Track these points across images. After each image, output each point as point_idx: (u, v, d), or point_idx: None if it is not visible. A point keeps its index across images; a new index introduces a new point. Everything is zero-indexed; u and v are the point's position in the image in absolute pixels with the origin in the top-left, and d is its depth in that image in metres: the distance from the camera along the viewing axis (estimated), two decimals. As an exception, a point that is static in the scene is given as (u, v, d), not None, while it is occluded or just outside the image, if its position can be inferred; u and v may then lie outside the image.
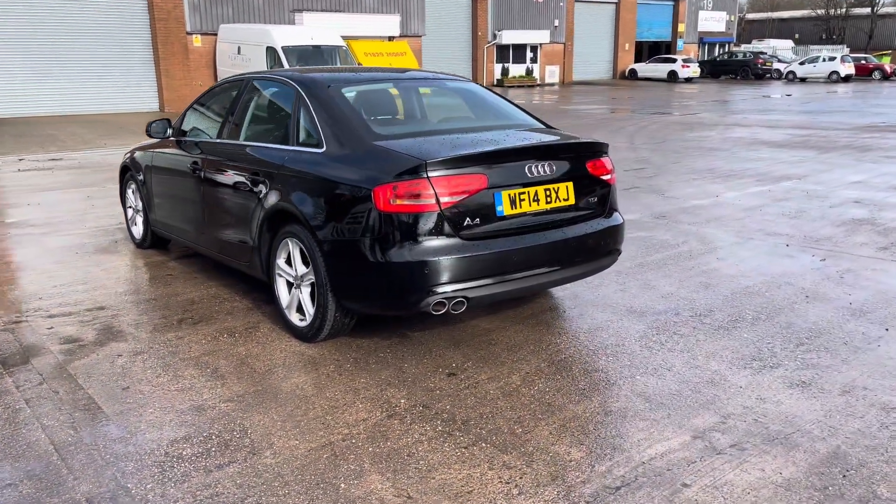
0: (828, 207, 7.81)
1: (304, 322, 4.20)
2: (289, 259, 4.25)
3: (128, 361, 4.02)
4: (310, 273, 4.07)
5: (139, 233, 6.42)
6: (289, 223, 4.19)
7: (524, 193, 3.87)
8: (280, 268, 4.34)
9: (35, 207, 8.41)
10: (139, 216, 6.36)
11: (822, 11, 61.58)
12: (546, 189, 3.96)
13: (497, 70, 34.67)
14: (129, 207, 6.57)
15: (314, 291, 4.08)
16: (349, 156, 3.94)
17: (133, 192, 6.41)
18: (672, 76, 39.21)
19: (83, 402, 3.53)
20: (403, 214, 3.62)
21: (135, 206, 6.43)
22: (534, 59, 36.33)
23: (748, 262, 5.75)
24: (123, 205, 6.72)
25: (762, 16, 69.49)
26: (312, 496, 2.75)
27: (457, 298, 3.70)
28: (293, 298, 4.28)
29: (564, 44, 37.40)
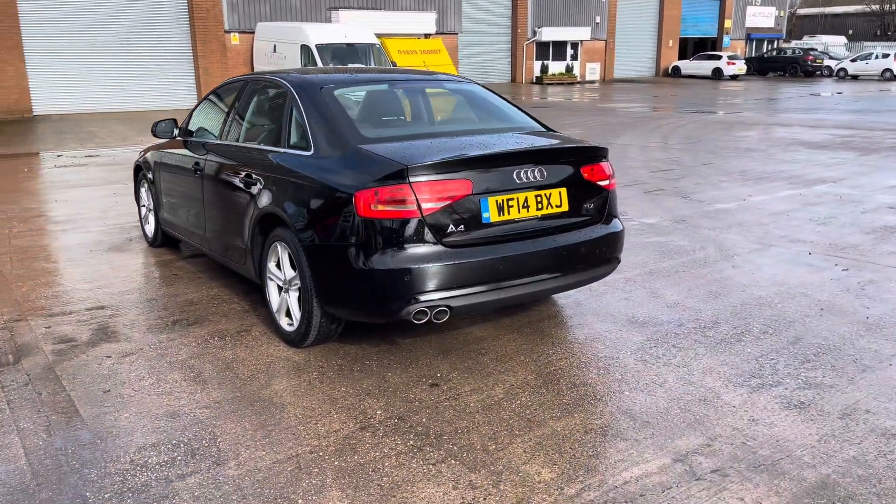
0: (860, 213, 7.47)
1: (292, 327, 4.15)
2: (279, 263, 4.20)
3: (115, 363, 4.02)
4: (297, 277, 4.01)
5: (151, 231, 6.47)
6: (278, 227, 4.14)
7: (513, 200, 3.74)
8: (271, 271, 4.29)
9: (61, 203, 8.56)
10: (151, 215, 6.41)
11: (877, 6, 59.57)
12: (537, 195, 3.83)
13: (536, 67, 34.35)
14: (143, 206, 6.63)
15: (301, 296, 4.02)
16: (334, 159, 3.87)
17: (146, 191, 6.46)
18: (717, 73, 38.36)
19: (62, 405, 3.53)
20: (384, 220, 3.53)
21: (147, 205, 6.48)
22: (574, 57, 35.90)
23: (764, 271, 5.52)
24: (137, 203, 6.79)
25: (814, 11, 67.53)
26: (268, 511, 2.68)
27: (439, 307, 3.59)
28: (282, 302, 4.24)
29: (606, 41, 36.88)
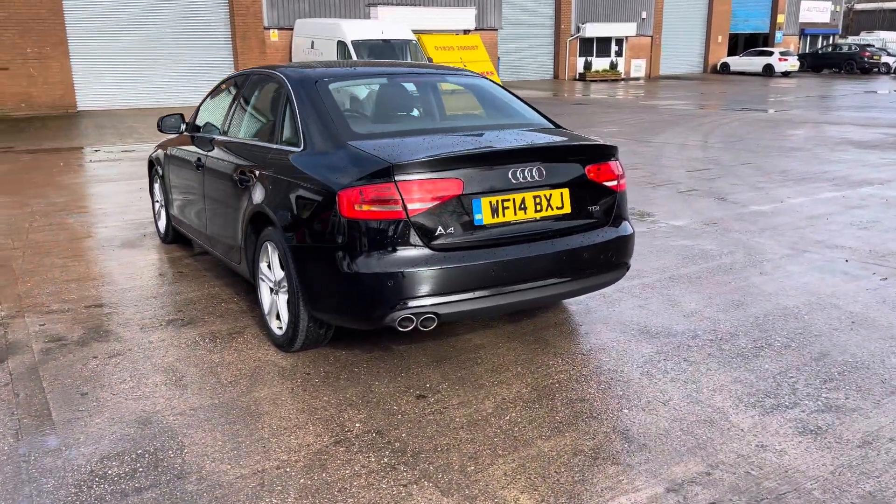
0: (906, 217, 7.01)
1: (282, 330, 3.99)
2: (270, 263, 4.04)
3: (100, 364, 3.91)
4: (285, 279, 3.84)
5: (163, 227, 6.40)
6: (268, 226, 3.98)
7: (508, 201, 3.51)
8: (262, 272, 4.14)
9: (87, 198, 8.59)
10: (163, 211, 6.34)
11: (942, 0, 57.08)
12: (536, 196, 3.58)
13: (579, 64, 33.78)
14: (156, 202, 6.57)
15: (289, 299, 3.85)
16: (322, 156, 3.68)
17: (158, 187, 6.39)
18: (768, 70, 37.18)
19: (36, 408, 3.42)
20: (368, 221, 3.33)
21: (160, 201, 6.42)
22: (619, 53, 35.20)
23: (794, 279, 5.16)
24: (152, 198, 6.74)
25: (872, 6, 65.03)
26: (221, 532, 2.51)
27: (426, 314, 3.38)
28: (273, 305, 4.08)
29: (652, 37, 36.06)
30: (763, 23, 42.63)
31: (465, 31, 24.05)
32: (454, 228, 3.40)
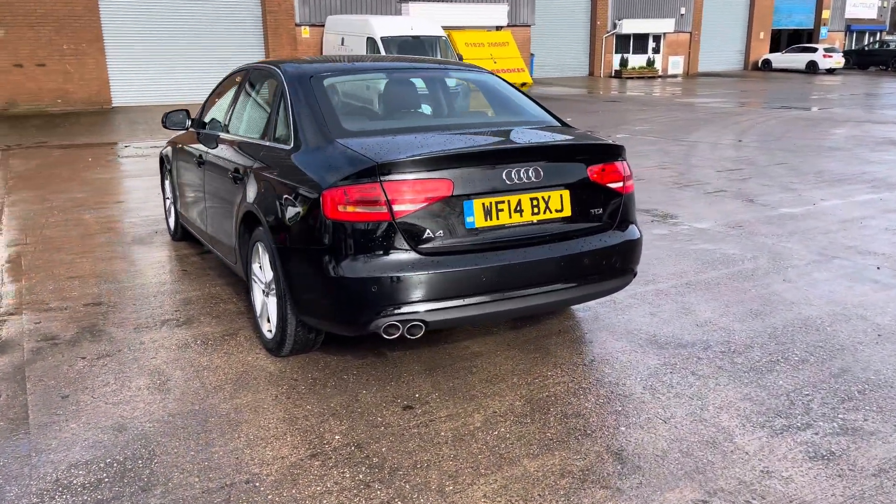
0: (947, 222, 6.62)
1: (271, 334, 3.86)
2: (262, 264, 3.91)
3: (87, 365, 3.82)
4: (274, 281, 3.71)
5: (173, 224, 6.34)
6: (258, 226, 3.85)
7: (503, 203, 3.31)
8: (255, 273, 4.01)
9: (108, 194, 8.60)
10: (173, 207, 6.28)
11: None
12: (532, 198, 3.38)
13: (615, 61, 33.23)
14: (167, 198, 6.51)
15: (278, 301, 3.71)
16: (309, 154, 3.54)
17: (168, 183, 6.33)
18: (811, 67, 36.15)
19: (15, 411, 3.34)
20: (353, 223, 3.18)
21: (170, 198, 6.36)
22: (656, 50, 34.54)
23: (819, 287, 4.86)
24: (163, 194, 6.69)
25: (925, 1, 62.89)
26: (177, 551, 2.38)
27: (412, 322, 3.21)
28: (264, 307, 3.95)
29: (691, 33, 35.32)
30: (807, 18, 41.47)
31: (497, 28, 23.78)
32: (444, 232, 3.22)
